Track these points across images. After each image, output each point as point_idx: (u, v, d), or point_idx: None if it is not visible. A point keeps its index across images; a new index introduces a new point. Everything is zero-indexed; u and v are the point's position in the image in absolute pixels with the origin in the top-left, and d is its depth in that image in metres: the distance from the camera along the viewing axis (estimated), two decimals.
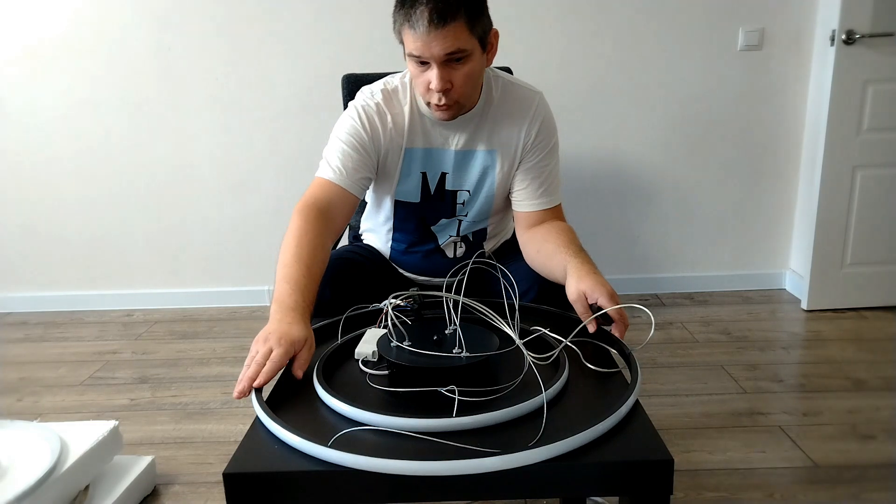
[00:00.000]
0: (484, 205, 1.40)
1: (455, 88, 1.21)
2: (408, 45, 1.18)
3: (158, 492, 1.56)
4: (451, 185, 1.38)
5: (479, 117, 1.33)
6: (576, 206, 2.59)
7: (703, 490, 1.49)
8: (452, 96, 1.22)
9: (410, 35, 1.15)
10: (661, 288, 2.71)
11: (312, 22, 2.43)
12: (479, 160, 1.36)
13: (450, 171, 1.37)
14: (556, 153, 1.38)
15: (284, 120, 2.54)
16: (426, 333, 1.00)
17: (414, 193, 1.38)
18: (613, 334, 1.08)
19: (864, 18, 2.20)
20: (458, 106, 1.25)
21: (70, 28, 2.45)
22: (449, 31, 1.13)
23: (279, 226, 2.62)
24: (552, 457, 0.77)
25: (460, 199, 1.39)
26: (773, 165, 2.58)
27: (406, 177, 1.36)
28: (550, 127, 1.36)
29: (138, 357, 2.30)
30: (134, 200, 2.64)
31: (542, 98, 1.37)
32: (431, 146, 1.35)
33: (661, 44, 2.46)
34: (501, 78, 1.36)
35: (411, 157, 1.35)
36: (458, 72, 1.19)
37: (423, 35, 1.14)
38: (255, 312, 2.66)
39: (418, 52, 1.16)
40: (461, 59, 1.18)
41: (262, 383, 0.92)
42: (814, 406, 1.83)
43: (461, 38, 1.15)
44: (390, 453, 0.76)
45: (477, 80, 1.26)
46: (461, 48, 1.16)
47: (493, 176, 1.36)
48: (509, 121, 1.33)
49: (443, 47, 1.14)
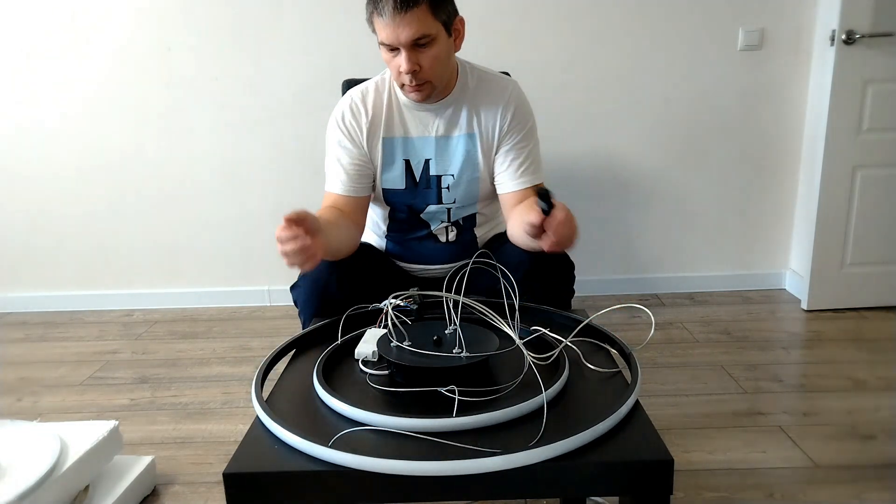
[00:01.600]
0: (470, 188, 1.46)
1: (424, 70, 1.29)
2: (378, 34, 1.28)
3: (158, 492, 1.56)
4: (435, 171, 1.45)
5: (456, 104, 1.42)
6: (576, 206, 2.57)
7: (703, 490, 1.49)
8: (422, 77, 1.30)
9: (379, 22, 1.26)
10: (661, 288, 2.71)
11: (312, 23, 2.43)
12: (461, 144, 1.43)
13: (433, 157, 1.44)
14: (534, 135, 1.45)
15: (284, 120, 2.54)
16: (426, 333, 1.00)
17: (399, 181, 1.46)
18: (549, 234, 1.11)
19: (864, 18, 2.20)
20: (430, 86, 1.33)
21: (70, 28, 2.45)
22: (413, 16, 1.23)
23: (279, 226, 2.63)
24: (552, 457, 0.77)
25: (445, 184, 1.46)
26: (772, 165, 2.58)
27: (388, 165, 1.44)
28: (526, 110, 1.44)
29: (138, 357, 2.30)
30: (134, 200, 2.64)
31: (517, 84, 1.46)
32: (410, 135, 1.43)
33: (661, 44, 2.45)
34: (477, 69, 1.45)
35: (392, 147, 1.43)
36: (424, 55, 1.28)
37: (390, 21, 1.24)
38: (255, 312, 2.66)
39: (387, 39, 1.26)
40: (426, 43, 1.27)
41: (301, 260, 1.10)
42: (814, 406, 1.83)
43: (425, 23, 1.25)
44: (390, 453, 0.76)
45: (445, 63, 1.33)
46: (425, 33, 1.25)
47: (476, 158, 1.43)
48: (486, 106, 1.41)
49: (408, 33, 1.24)
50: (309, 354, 1.09)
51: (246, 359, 2.25)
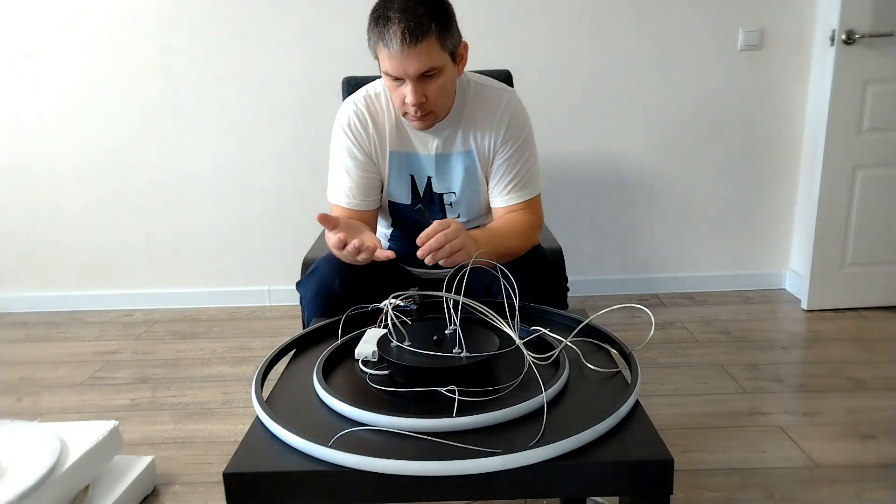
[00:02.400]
0: (473, 204, 1.45)
1: (429, 101, 1.26)
2: (382, 64, 1.23)
3: (158, 492, 1.56)
4: (437, 188, 1.43)
5: (453, 122, 1.38)
6: (576, 206, 2.59)
7: (703, 490, 1.49)
8: (427, 108, 1.27)
9: (385, 53, 1.20)
10: (661, 288, 2.71)
11: (312, 23, 2.43)
12: (460, 162, 1.40)
13: (433, 175, 1.42)
14: (528, 147, 1.41)
15: (284, 121, 2.54)
16: (426, 333, 1.00)
17: (405, 195, 1.44)
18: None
19: (864, 18, 2.20)
20: (433, 116, 1.31)
21: (70, 28, 2.45)
22: (421, 49, 1.18)
23: (279, 226, 2.64)
24: (552, 457, 0.77)
25: (448, 201, 1.44)
26: (773, 165, 2.58)
27: (395, 178, 1.42)
28: (520, 121, 1.39)
29: (138, 357, 2.30)
30: (134, 201, 2.64)
31: (512, 95, 1.41)
32: (412, 151, 1.40)
33: (662, 44, 2.46)
34: (473, 81, 1.40)
35: (397, 160, 1.41)
36: (431, 86, 1.25)
37: (397, 54, 1.18)
38: (255, 312, 2.66)
39: (393, 71, 1.21)
40: (433, 74, 1.23)
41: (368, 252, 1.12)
42: (814, 406, 1.83)
43: (434, 55, 1.21)
44: (390, 453, 0.76)
45: (450, 91, 1.31)
46: (434, 65, 1.22)
47: (476, 174, 1.41)
48: (481, 121, 1.38)
49: (416, 66, 1.20)
50: (309, 354, 1.09)
51: (246, 359, 2.25)
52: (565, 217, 2.57)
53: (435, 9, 1.20)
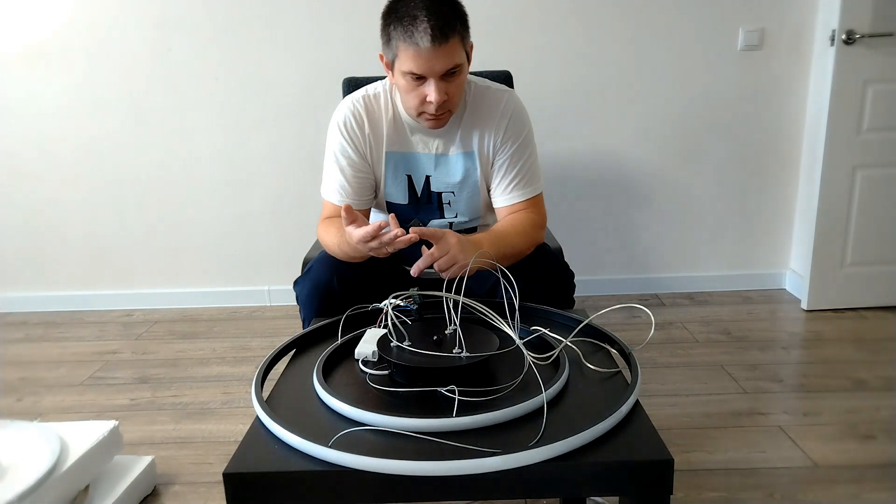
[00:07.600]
0: (471, 204, 1.46)
1: (450, 99, 1.27)
2: (404, 63, 1.22)
3: (158, 492, 1.56)
4: (436, 187, 1.44)
5: (455, 122, 1.39)
6: (576, 206, 2.59)
7: (703, 490, 1.49)
8: (446, 106, 1.28)
9: (411, 52, 1.19)
10: (661, 288, 2.71)
11: (312, 23, 2.43)
12: (460, 162, 1.41)
13: (432, 174, 1.43)
14: (528, 146, 1.42)
15: (284, 120, 2.54)
16: (426, 333, 1.00)
17: (402, 195, 1.45)
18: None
19: (864, 18, 2.20)
20: (448, 114, 1.32)
21: (70, 28, 2.45)
22: (449, 47, 1.19)
23: (279, 226, 2.64)
24: (552, 457, 0.77)
25: (445, 200, 1.45)
26: (772, 165, 2.58)
27: (392, 179, 1.43)
28: (520, 120, 1.41)
29: (138, 357, 2.30)
30: (134, 200, 2.64)
31: (512, 95, 1.42)
32: (411, 151, 1.41)
33: (662, 44, 2.46)
34: (473, 82, 1.42)
35: (394, 160, 1.42)
36: (452, 84, 1.25)
37: (426, 52, 1.18)
38: (255, 312, 2.67)
39: (419, 69, 1.21)
40: (456, 72, 1.24)
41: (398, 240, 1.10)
42: (814, 406, 1.83)
43: (459, 53, 1.22)
44: (390, 453, 0.76)
45: (464, 89, 1.33)
46: (458, 63, 1.23)
47: (476, 176, 1.42)
48: (482, 122, 1.39)
49: (443, 64, 1.21)
50: (309, 354, 1.09)
51: (246, 359, 2.25)
52: (565, 217, 2.57)
53: (456, 8, 1.23)
